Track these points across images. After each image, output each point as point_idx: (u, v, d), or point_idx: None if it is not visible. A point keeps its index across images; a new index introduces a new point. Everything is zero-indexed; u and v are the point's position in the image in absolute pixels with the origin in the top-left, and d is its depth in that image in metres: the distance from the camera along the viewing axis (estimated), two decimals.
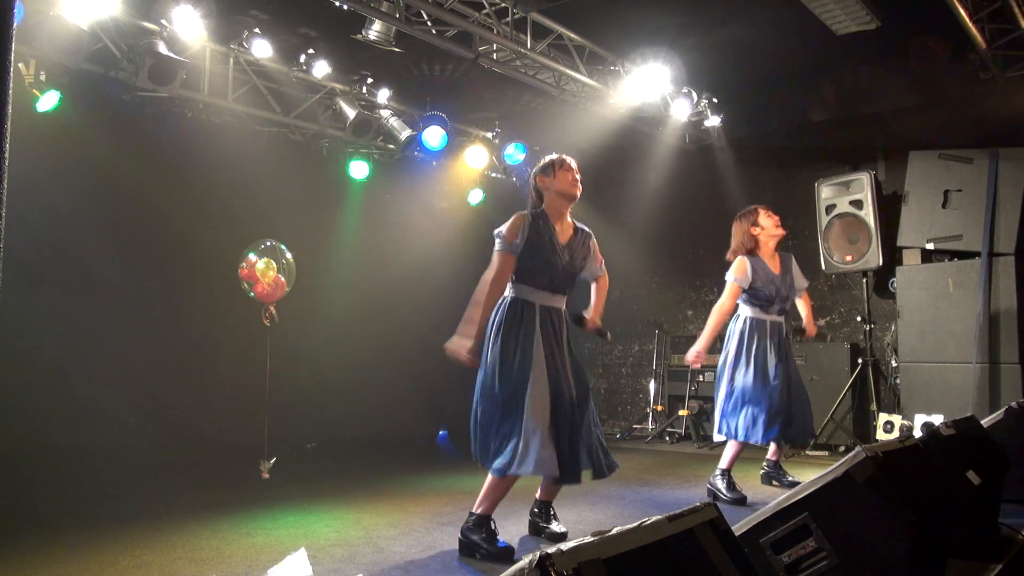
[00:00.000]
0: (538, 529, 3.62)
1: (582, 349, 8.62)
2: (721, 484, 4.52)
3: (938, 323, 5.71)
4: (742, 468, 5.51)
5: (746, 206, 4.82)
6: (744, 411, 4.51)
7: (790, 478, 4.82)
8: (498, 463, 3.17)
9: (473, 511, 3.32)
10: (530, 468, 3.12)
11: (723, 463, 4.60)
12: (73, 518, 4.05)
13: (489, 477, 3.27)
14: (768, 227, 4.66)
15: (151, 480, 5.00)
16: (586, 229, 3.64)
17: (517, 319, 3.33)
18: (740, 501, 4.39)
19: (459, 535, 3.34)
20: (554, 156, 3.57)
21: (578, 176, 3.53)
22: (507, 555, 3.18)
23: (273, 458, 5.25)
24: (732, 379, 4.60)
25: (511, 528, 3.68)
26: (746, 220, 4.71)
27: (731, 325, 4.74)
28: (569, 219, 3.56)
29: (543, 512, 3.63)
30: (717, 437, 4.68)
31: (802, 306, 4.92)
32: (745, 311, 4.68)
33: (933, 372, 5.69)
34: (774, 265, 4.67)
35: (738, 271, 4.59)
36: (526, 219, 3.38)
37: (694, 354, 4.52)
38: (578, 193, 3.52)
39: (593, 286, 3.80)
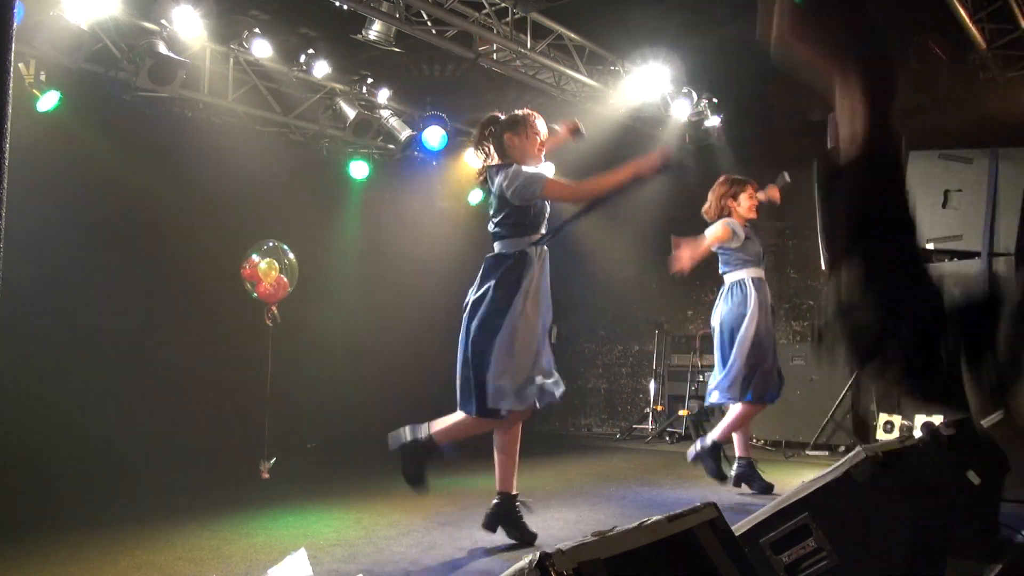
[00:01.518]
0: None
1: (582, 349, 8.62)
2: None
3: None
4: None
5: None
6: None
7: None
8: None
9: None
10: None
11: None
12: (73, 518, 4.05)
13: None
14: (743, 211, 4.65)
15: (151, 480, 5.00)
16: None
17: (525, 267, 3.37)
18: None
19: None
20: (524, 114, 3.50)
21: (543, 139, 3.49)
22: None
23: (273, 458, 5.25)
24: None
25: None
26: (726, 189, 4.67)
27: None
28: None
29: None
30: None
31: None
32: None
33: None
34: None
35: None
36: None
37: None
38: (542, 163, 3.49)
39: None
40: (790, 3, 1.17)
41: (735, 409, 4.52)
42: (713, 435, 4.60)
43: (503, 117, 3.54)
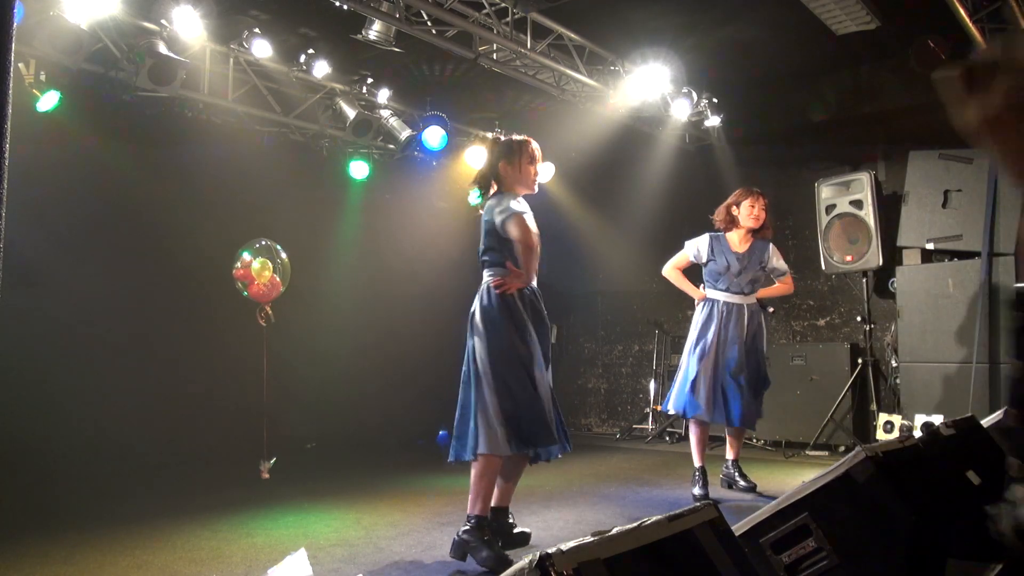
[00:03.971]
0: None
1: (581, 349, 8.63)
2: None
3: (938, 323, 5.70)
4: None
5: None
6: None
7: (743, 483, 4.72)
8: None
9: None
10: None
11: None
12: (73, 518, 4.05)
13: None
14: (742, 220, 4.67)
15: (151, 480, 5.00)
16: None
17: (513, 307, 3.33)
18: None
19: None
20: (520, 140, 3.43)
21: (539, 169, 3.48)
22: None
23: (273, 458, 5.25)
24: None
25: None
26: (733, 198, 4.75)
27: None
28: None
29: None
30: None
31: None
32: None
33: (933, 372, 5.69)
34: (742, 247, 4.69)
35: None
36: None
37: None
38: (536, 191, 3.46)
39: None
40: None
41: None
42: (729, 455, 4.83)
43: (502, 140, 3.50)
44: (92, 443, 5.02)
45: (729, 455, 4.76)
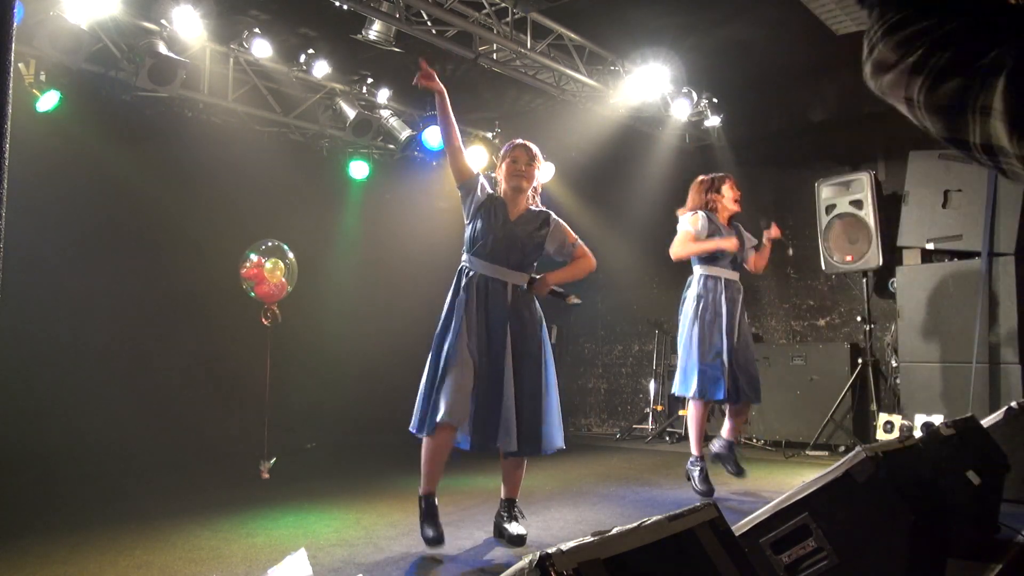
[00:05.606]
0: (499, 530, 3.54)
1: (582, 349, 8.63)
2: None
3: (938, 323, 5.70)
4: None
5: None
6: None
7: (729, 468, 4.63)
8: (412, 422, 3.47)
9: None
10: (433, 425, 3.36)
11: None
12: (73, 518, 4.04)
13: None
14: (728, 203, 4.62)
15: (151, 480, 5.00)
16: (544, 210, 3.61)
17: (457, 283, 3.53)
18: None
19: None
20: (509, 144, 3.60)
21: (525, 167, 3.50)
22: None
23: (273, 458, 5.25)
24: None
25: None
26: (709, 184, 4.68)
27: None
28: (525, 202, 3.55)
29: (506, 510, 3.55)
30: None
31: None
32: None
33: (933, 372, 5.69)
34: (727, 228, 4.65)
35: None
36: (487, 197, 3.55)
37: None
38: (522, 184, 3.50)
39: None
40: None
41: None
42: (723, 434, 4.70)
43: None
44: (92, 443, 5.02)
45: (727, 436, 4.68)
